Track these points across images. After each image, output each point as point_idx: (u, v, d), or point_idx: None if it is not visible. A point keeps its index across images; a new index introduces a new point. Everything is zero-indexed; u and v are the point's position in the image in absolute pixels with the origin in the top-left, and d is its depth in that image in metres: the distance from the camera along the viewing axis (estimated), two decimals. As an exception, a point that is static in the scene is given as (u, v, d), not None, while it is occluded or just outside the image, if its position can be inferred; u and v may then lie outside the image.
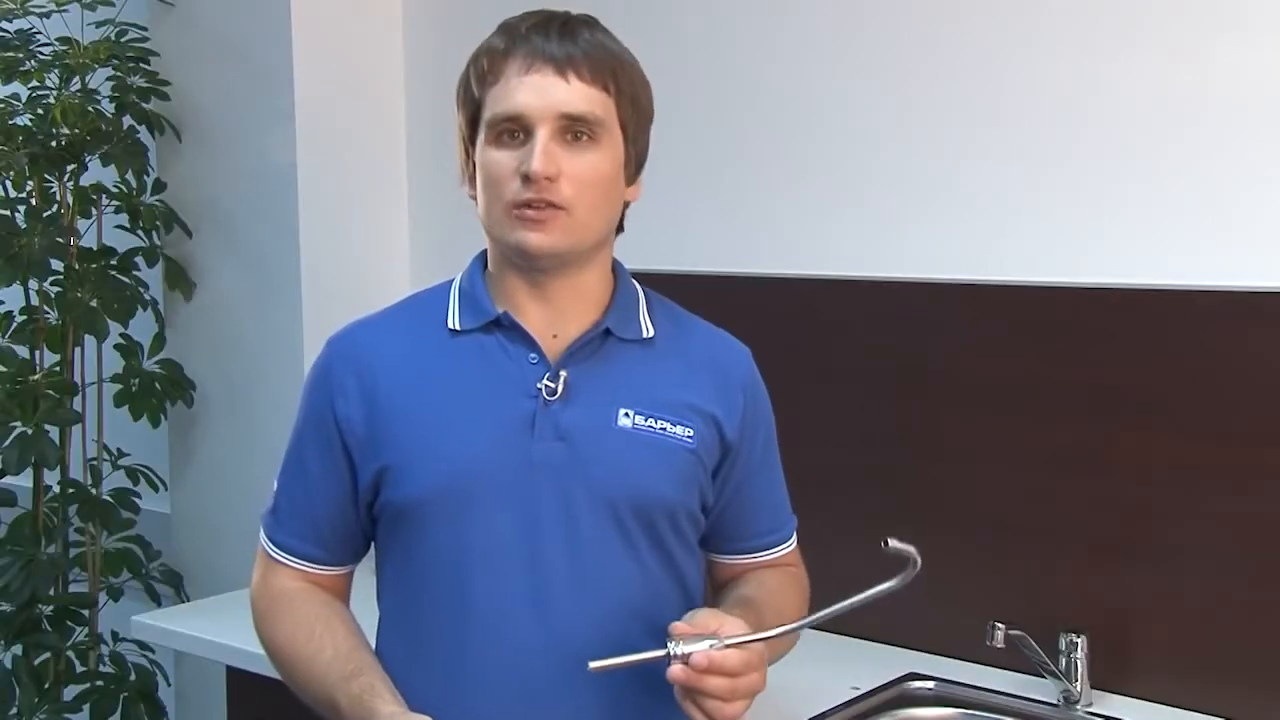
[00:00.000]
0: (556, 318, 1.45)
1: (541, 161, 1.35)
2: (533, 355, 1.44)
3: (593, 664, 1.28)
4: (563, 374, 1.43)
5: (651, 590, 1.45)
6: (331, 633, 1.45)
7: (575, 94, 1.37)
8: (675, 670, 1.29)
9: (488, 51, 1.41)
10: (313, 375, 1.50)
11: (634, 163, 1.46)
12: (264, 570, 1.53)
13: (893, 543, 1.34)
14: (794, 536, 1.61)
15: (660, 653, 1.29)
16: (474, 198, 1.46)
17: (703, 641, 1.30)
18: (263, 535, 1.53)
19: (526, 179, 1.36)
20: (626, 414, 1.44)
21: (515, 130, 1.38)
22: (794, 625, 1.40)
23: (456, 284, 1.51)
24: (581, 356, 1.45)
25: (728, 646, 1.30)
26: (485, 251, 1.51)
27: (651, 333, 1.49)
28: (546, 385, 1.42)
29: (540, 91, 1.36)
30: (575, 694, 1.41)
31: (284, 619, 1.48)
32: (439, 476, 1.41)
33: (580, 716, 1.42)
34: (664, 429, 1.45)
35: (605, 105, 1.40)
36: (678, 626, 1.31)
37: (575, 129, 1.38)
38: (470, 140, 1.44)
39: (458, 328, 1.46)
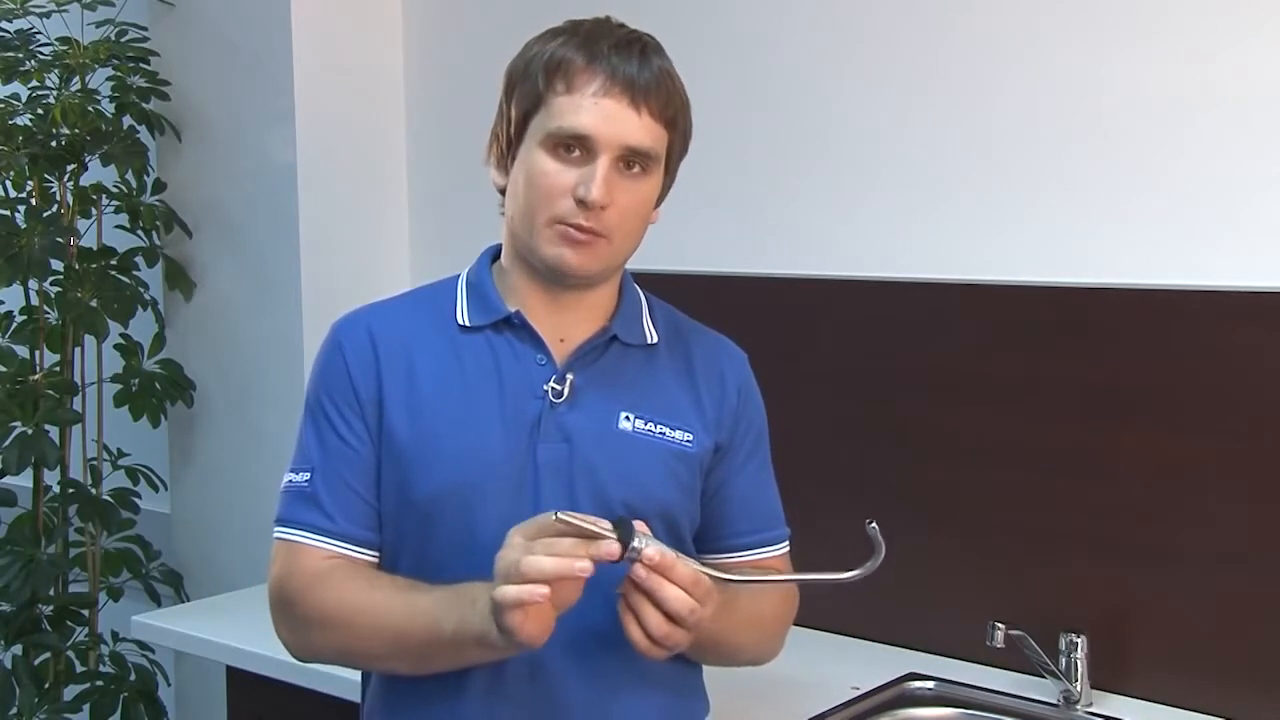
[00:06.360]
0: (566, 321, 1.47)
1: (601, 191, 1.37)
2: (541, 357, 1.45)
3: (559, 514, 1.26)
4: (569, 377, 1.44)
5: None
6: (389, 578, 1.42)
7: (643, 128, 1.39)
8: (637, 569, 1.26)
9: (563, 59, 1.39)
10: (324, 355, 1.48)
11: (665, 189, 1.48)
12: (288, 559, 1.45)
13: (873, 527, 1.36)
14: (785, 546, 1.58)
15: (612, 537, 1.26)
16: (499, 187, 1.47)
17: (665, 546, 1.28)
18: (287, 530, 1.45)
19: (581, 203, 1.37)
20: (627, 418, 1.46)
21: (575, 147, 1.38)
22: (750, 579, 1.47)
23: (464, 279, 1.51)
24: (588, 361, 1.46)
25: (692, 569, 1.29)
26: (495, 246, 1.52)
27: (655, 339, 1.52)
28: (553, 387, 1.43)
29: (611, 119, 1.37)
30: (572, 688, 1.43)
31: (330, 586, 1.41)
32: (448, 473, 1.41)
33: (576, 709, 1.43)
34: (663, 433, 1.47)
35: (663, 141, 1.42)
36: (643, 525, 1.30)
37: (631, 160, 1.40)
38: (517, 133, 1.43)
39: (467, 324, 1.47)
